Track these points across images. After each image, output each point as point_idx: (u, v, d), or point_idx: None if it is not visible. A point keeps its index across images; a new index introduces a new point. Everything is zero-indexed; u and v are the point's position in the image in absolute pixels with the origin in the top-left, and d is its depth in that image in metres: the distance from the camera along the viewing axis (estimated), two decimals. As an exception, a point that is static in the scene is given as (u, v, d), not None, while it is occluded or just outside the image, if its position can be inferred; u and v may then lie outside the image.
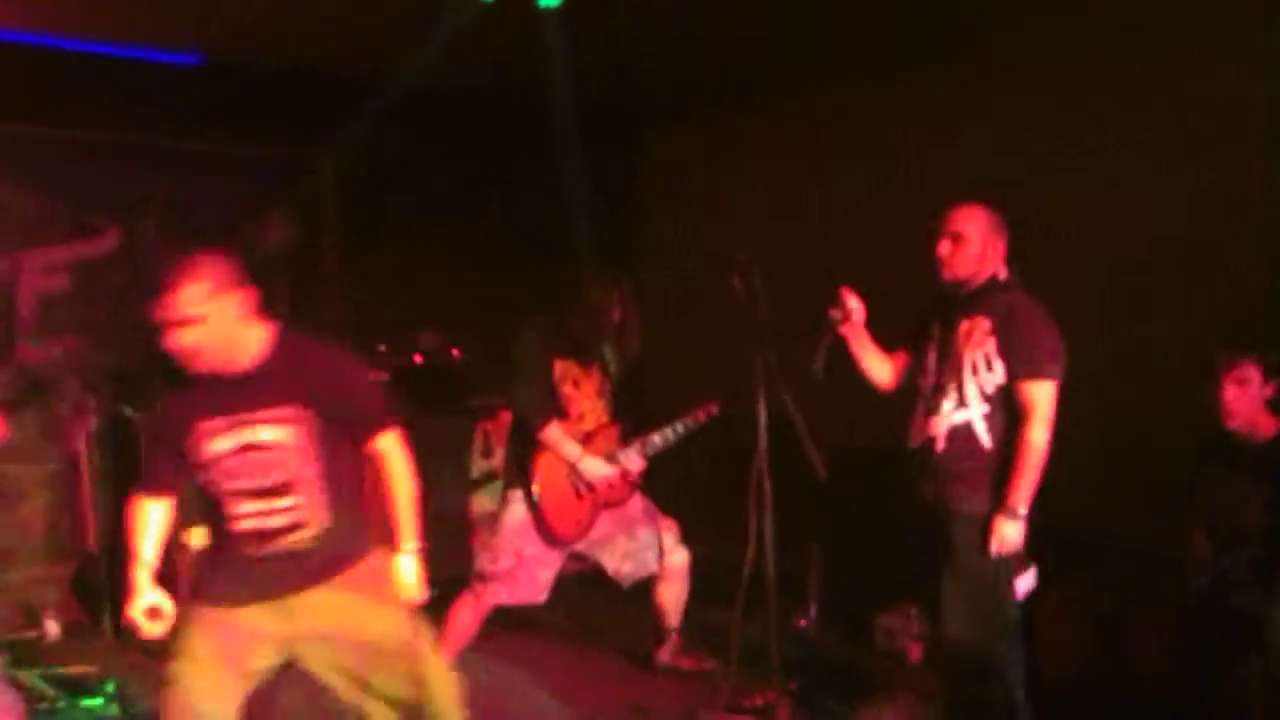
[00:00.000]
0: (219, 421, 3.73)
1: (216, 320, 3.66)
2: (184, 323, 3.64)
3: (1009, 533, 4.30)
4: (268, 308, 3.80)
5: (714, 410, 5.58)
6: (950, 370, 4.43)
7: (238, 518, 3.76)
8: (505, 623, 5.69)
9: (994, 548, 4.31)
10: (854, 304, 4.69)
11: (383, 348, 7.39)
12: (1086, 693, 5.44)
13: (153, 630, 3.74)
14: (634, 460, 5.49)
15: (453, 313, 7.75)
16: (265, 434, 3.72)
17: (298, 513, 3.75)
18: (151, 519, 3.88)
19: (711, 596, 5.68)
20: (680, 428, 5.55)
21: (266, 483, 3.73)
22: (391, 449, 3.94)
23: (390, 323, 7.72)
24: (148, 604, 3.73)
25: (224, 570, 3.83)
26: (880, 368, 4.80)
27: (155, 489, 3.92)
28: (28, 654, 6.08)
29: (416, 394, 7.16)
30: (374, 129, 7.62)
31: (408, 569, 3.91)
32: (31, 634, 6.50)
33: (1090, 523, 5.60)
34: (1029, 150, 6.60)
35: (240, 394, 3.72)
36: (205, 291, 3.65)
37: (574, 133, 7.36)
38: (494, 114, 8.00)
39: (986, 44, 6.50)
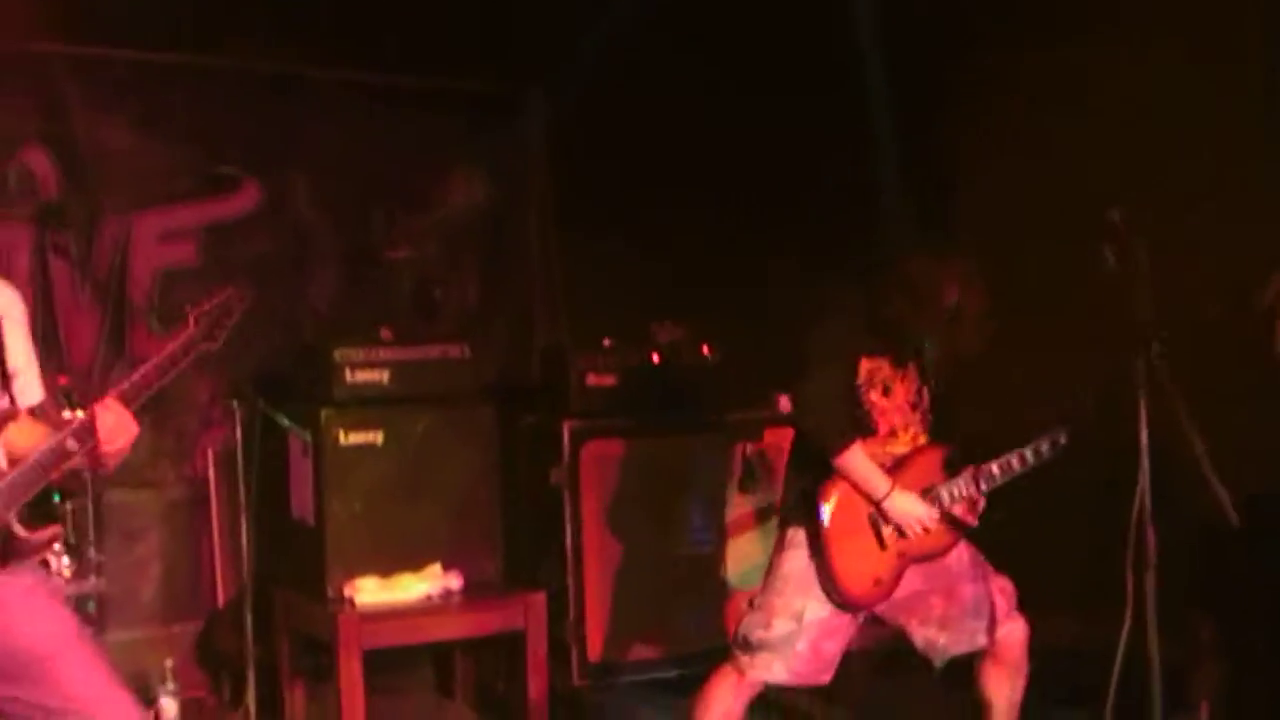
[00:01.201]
0: None
1: None
2: None
3: None
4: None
5: (1060, 441, 5.43)
6: None
7: None
8: (773, 712, 5.65)
9: None
10: None
11: (608, 343, 7.44)
12: None
13: None
14: (961, 495, 5.38)
15: (701, 298, 7.77)
16: None
17: None
18: None
19: (1060, 690, 5.60)
20: (1030, 455, 5.38)
21: None
22: None
23: (617, 311, 7.78)
24: None
25: None
26: None
27: None
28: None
29: (652, 404, 7.21)
30: (596, 55, 7.72)
31: None
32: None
33: None
34: None
35: None
36: None
37: (878, 55, 7.31)
38: (758, 36, 7.98)
39: None
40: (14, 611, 3.99)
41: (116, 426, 4.07)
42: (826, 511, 5.21)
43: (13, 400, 4.16)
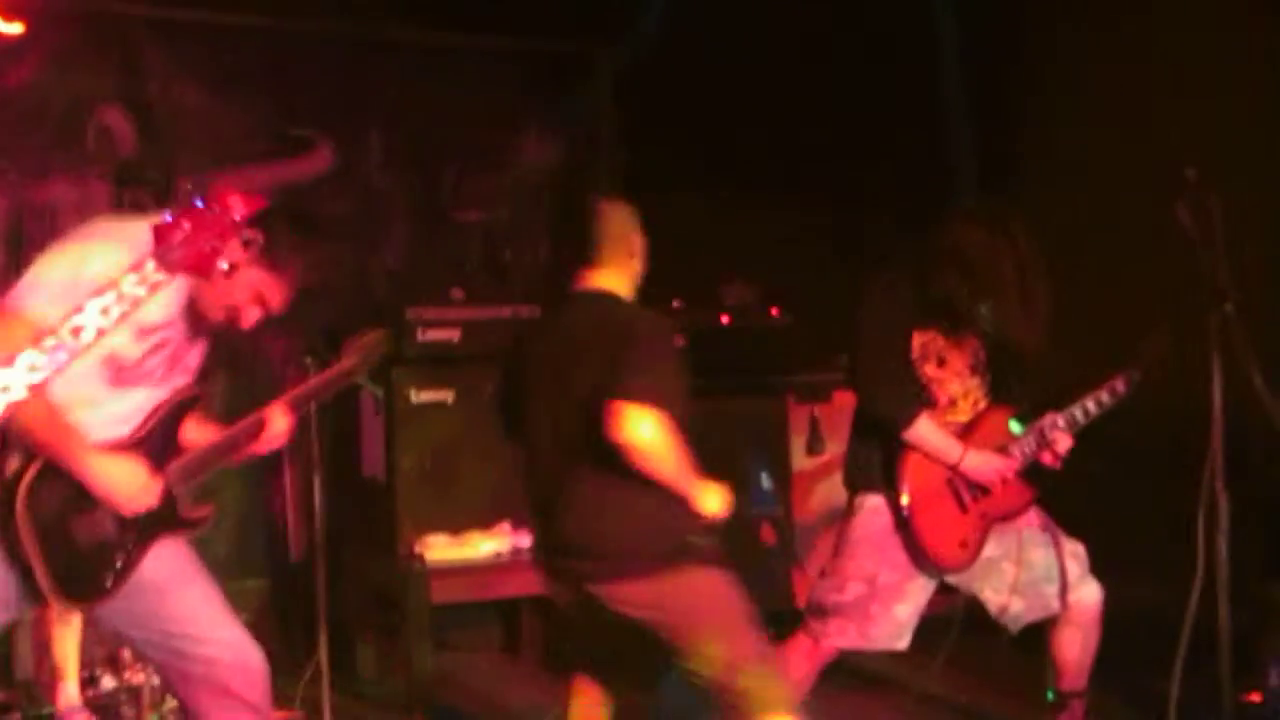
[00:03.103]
0: None
1: None
2: None
3: None
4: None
5: (1135, 378, 5.36)
6: None
7: None
8: (847, 678, 5.62)
9: None
10: None
11: (677, 304, 7.41)
12: None
13: None
14: (1032, 451, 5.32)
15: (771, 259, 7.74)
16: None
17: None
18: None
19: (1131, 653, 5.50)
20: (1092, 405, 5.35)
21: None
22: None
23: (687, 271, 7.72)
24: None
25: None
26: None
27: None
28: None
29: (722, 365, 7.18)
30: (667, 15, 7.67)
31: None
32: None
33: None
34: None
35: None
36: None
37: (949, 16, 7.24)
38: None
39: None
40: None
41: (280, 433, 4.48)
42: (906, 481, 5.18)
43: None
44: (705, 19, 7.63)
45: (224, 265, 3.17)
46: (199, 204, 2.96)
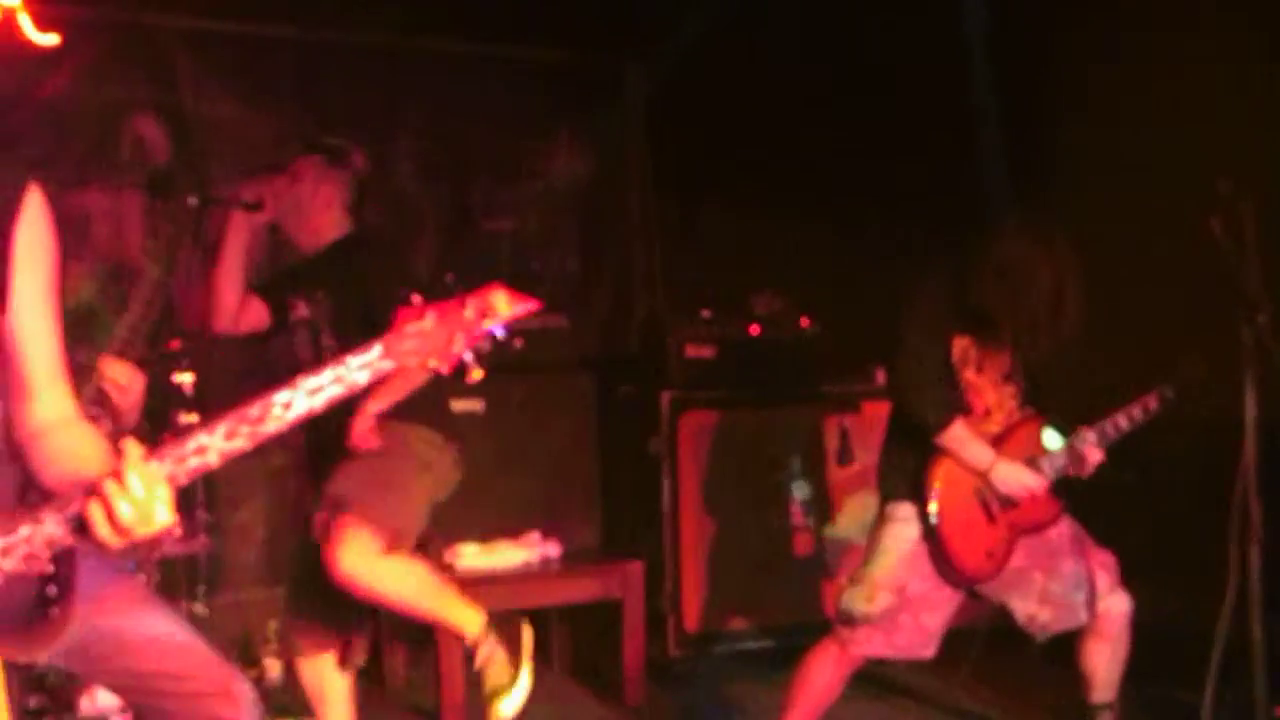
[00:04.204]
0: None
1: None
2: None
3: None
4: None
5: (1168, 396, 5.35)
6: None
7: None
8: (874, 686, 5.60)
9: None
10: None
11: (707, 314, 7.40)
12: None
13: None
14: (1063, 464, 5.31)
15: (801, 269, 7.71)
16: None
17: None
18: None
19: (1163, 666, 5.49)
20: (1124, 421, 5.33)
21: None
22: None
23: (717, 281, 7.75)
24: None
25: None
26: None
27: None
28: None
29: (752, 375, 7.17)
30: (697, 27, 7.66)
31: None
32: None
33: None
34: None
35: None
36: None
37: (981, 31, 7.20)
38: (859, 13, 7.89)
39: None
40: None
41: None
42: (934, 490, 5.17)
43: None
44: (736, 31, 7.61)
45: (475, 371, 3.10)
46: (458, 295, 2.90)
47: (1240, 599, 4.72)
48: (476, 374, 3.10)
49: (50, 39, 6.45)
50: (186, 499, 6.35)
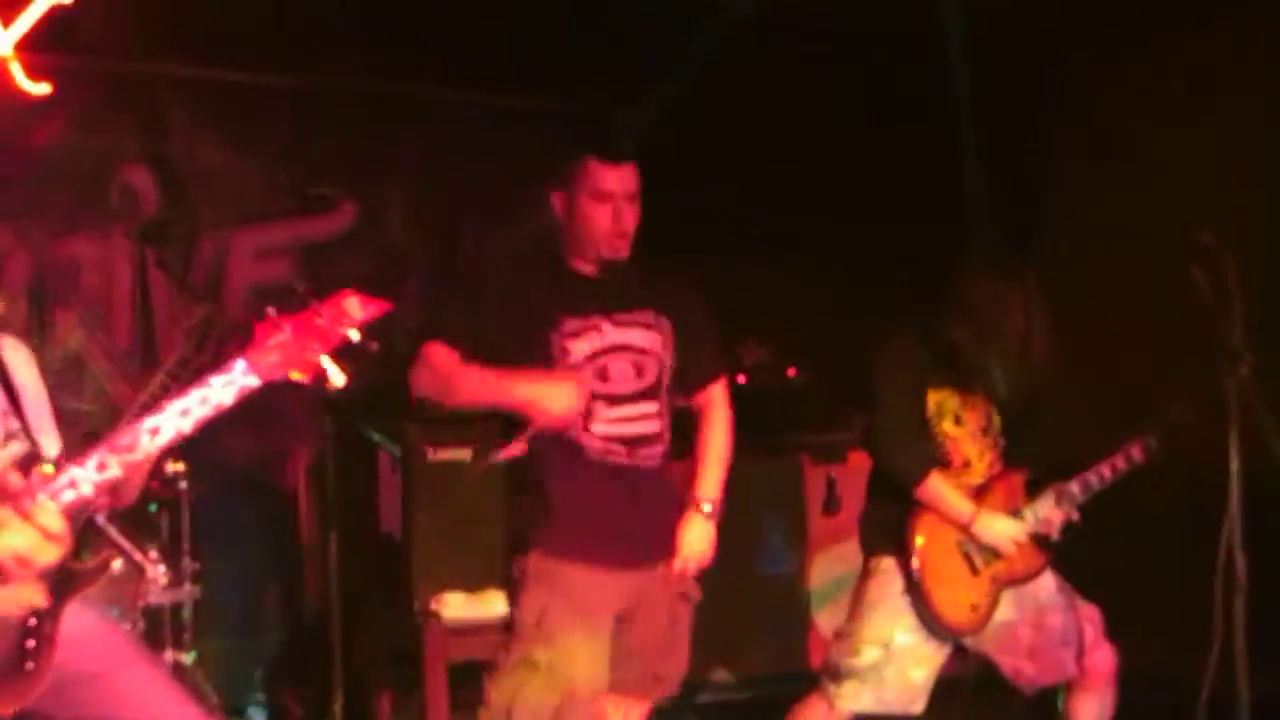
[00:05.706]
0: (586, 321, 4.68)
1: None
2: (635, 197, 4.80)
3: None
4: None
5: (1152, 445, 5.34)
6: None
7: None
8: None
9: None
10: None
11: (694, 363, 7.39)
12: None
13: None
14: (1046, 515, 5.29)
15: (788, 320, 7.74)
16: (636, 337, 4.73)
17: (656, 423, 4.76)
18: None
19: (1148, 717, 5.45)
20: (1107, 472, 5.33)
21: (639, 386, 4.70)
22: (721, 399, 5.09)
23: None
24: None
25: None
26: None
27: None
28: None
29: (738, 425, 7.12)
30: (685, 76, 7.67)
31: (703, 526, 4.91)
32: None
33: None
34: None
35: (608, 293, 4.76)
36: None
37: (966, 72, 7.22)
38: (843, 57, 7.91)
39: None
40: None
41: None
42: (917, 544, 5.14)
43: None
44: (722, 82, 7.61)
45: (335, 376, 3.08)
46: (311, 305, 2.90)
47: (1226, 651, 4.69)
48: (337, 380, 3.03)
49: (42, 88, 6.45)
50: (173, 547, 6.33)
